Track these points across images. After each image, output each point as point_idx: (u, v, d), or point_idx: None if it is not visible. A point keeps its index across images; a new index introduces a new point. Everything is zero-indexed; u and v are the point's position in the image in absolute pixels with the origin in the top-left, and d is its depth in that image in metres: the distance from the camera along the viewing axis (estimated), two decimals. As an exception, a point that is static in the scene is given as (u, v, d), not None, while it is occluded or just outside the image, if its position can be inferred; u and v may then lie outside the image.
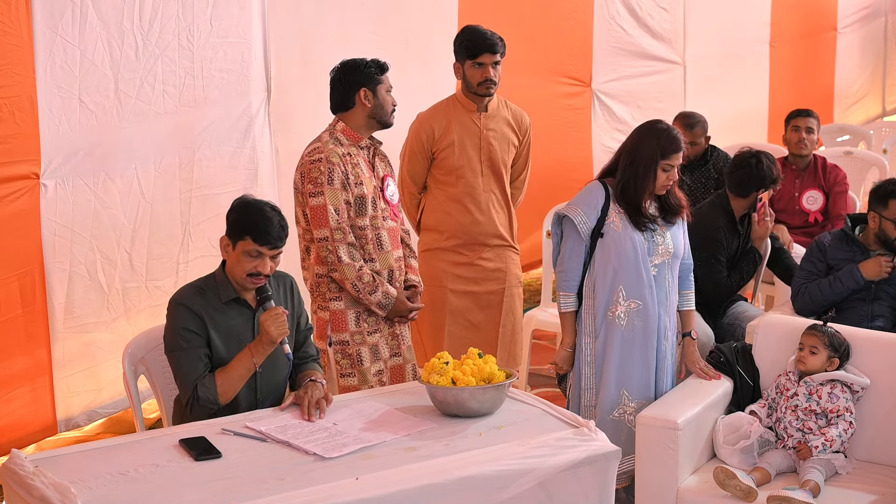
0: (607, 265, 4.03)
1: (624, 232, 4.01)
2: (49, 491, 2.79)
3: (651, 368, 4.12)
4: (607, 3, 7.57)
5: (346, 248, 4.04)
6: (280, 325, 3.44)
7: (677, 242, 4.11)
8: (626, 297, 4.04)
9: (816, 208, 5.95)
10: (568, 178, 7.30)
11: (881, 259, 4.57)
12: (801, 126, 6.08)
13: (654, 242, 4.04)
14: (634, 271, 4.02)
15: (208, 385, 3.41)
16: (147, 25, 4.71)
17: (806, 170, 6.05)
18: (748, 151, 5.04)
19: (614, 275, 4.03)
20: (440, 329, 4.73)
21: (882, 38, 11.76)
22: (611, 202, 4.04)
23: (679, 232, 4.14)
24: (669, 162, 3.99)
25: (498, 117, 4.73)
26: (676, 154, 4.00)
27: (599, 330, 4.08)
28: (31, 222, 4.45)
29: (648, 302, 4.04)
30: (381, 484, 2.91)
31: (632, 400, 4.09)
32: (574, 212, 4.05)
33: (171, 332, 3.47)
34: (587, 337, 4.10)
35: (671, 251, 4.08)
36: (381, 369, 4.20)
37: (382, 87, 4.14)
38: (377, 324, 4.18)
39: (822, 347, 3.97)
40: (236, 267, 3.48)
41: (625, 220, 4.02)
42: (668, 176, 4.01)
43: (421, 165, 4.73)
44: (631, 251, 4.00)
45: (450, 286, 4.73)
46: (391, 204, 4.25)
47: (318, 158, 4.05)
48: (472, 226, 4.72)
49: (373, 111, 4.14)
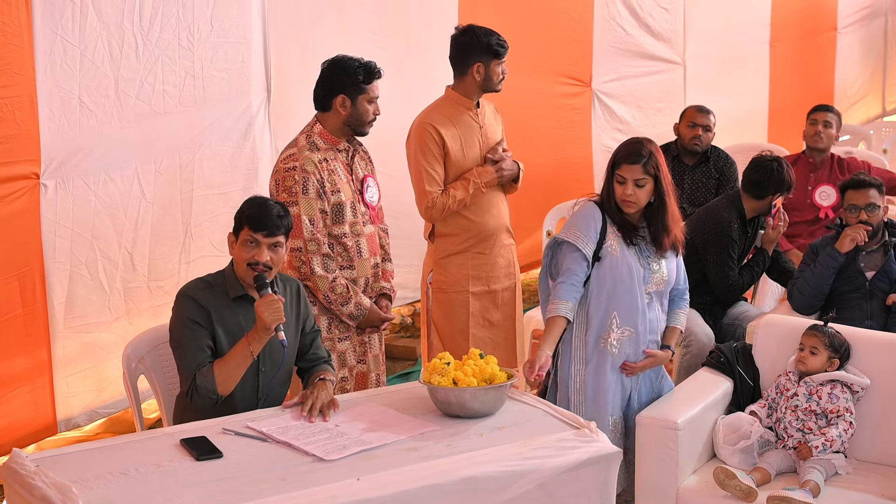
0: (602, 290, 3.89)
1: (622, 257, 3.88)
2: (50, 491, 2.79)
3: (627, 390, 4.01)
4: (607, 3, 7.57)
5: (319, 260, 4.02)
6: (274, 311, 3.41)
7: (671, 272, 3.99)
8: (620, 325, 3.90)
9: (828, 204, 5.97)
10: (568, 178, 7.30)
11: (848, 230, 4.69)
12: (819, 120, 6.12)
13: (650, 270, 3.92)
14: (629, 297, 3.89)
15: (207, 374, 3.41)
16: (147, 25, 4.71)
17: (821, 165, 6.08)
18: (769, 155, 5.09)
19: (609, 300, 3.88)
20: (465, 333, 4.69)
21: (882, 38, 11.76)
22: (608, 224, 3.91)
23: (673, 263, 4.00)
24: (621, 173, 3.84)
25: (486, 112, 4.72)
26: (625, 165, 3.82)
27: (591, 357, 3.93)
28: (31, 222, 4.45)
29: (640, 330, 3.93)
30: (383, 484, 2.91)
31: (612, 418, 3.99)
32: (574, 236, 3.88)
33: (176, 322, 3.48)
34: (577, 364, 3.94)
35: (665, 279, 3.97)
36: (346, 376, 4.19)
37: (364, 97, 4.07)
38: (347, 330, 4.18)
39: (823, 348, 3.97)
40: (239, 260, 3.50)
41: (621, 242, 3.90)
42: (623, 189, 3.83)
43: (440, 167, 4.54)
44: (627, 277, 3.87)
45: (470, 289, 4.69)
46: (371, 207, 4.22)
47: (293, 167, 4.02)
48: (485, 223, 4.67)
49: (348, 119, 4.10)
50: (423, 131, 4.51)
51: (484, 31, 4.54)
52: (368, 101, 4.09)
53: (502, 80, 4.58)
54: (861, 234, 4.66)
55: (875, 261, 4.74)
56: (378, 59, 5.81)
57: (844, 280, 4.72)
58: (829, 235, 4.86)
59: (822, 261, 4.70)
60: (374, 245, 4.22)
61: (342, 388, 4.14)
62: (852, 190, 4.76)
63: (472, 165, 4.59)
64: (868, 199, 4.69)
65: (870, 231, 4.67)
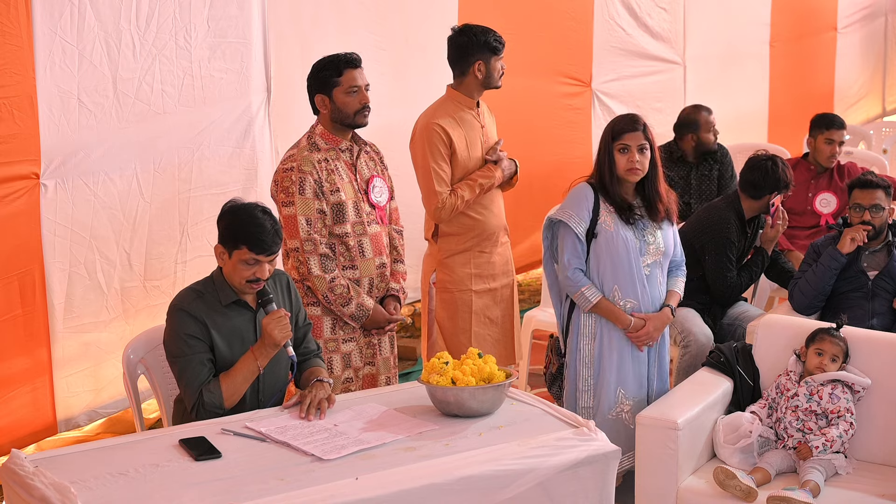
0: (601, 265, 4.08)
1: (616, 231, 4.04)
2: (49, 491, 2.79)
3: (644, 365, 4.18)
4: (607, 3, 7.57)
5: (316, 260, 4.02)
6: (283, 327, 3.44)
7: (668, 242, 4.15)
8: (623, 297, 4.08)
9: (829, 211, 5.96)
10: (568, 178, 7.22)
11: (848, 230, 4.67)
12: (836, 140, 6.02)
13: (646, 242, 4.08)
14: (628, 270, 4.06)
15: (214, 390, 3.40)
16: (144, 25, 4.70)
17: (823, 173, 6.05)
18: (764, 154, 5.06)
19: (609, 274, 4.07)
20: (467, 332, 4.71)
21: (882, 38, 11.77)
22: (600, 202, 4.07)
23: (669, 233, 4.17)
24: (622, 142, 4.01)
25: (484, 111, 4.74)
26: (627, 133, 4.01)
27: (598, 331, 4.12)
28: (31, 222, 4.45)
29: (642, 301, 4.09)
30: (381, 484, 2.91)
31: (628, 398, 4.14)
32: (567, 215, 4.08)
33: (172, 337, 3.45)
34: (585, 339, 4.15)
35: (662, 251, 4.12)
36: (350, 377, 4.18)
37: (339, 90, 4.06)
38: (353, 332, 4.17)
39: (841, 355, 3.99)
40: (234, 275, 3.47)
41: (615, 218, 4.05)
42: (628, 159, 4.01)
43: (448, 167, 4.55)
44: (623, 250, 4.04)
45: (473, 287, 4.70)
46: (378, 207, 4.22)
47: (291, 167, 4.04)
48: (487, 222, 4.67)
49: (333, 115, 4.11)
50: (430, 131, 4.52)
51: (480, 28, 4.58)
52: (346, 93, 4.06)
53: (502, 75, 4.61)
54: (861, 235, 4.65)
55: (878, 261, 4.73)
56: (378, 59, 5.84)
57: (846, 280, 4.72)
58: (830, 235, 4.84)
59: (824, 261, 4.70)
60: (380, 245, 4.20)
61: (346, 390, 4.13)
62: (859, 189, 4.73)
63: (476, 165, 4.61)
64: (874, 200, 4.68)
65: (871, 232, 4.66)
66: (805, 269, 4.84)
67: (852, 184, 4.80)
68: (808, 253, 4.87)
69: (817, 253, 4.80)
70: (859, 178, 4.78)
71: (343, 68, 4.06)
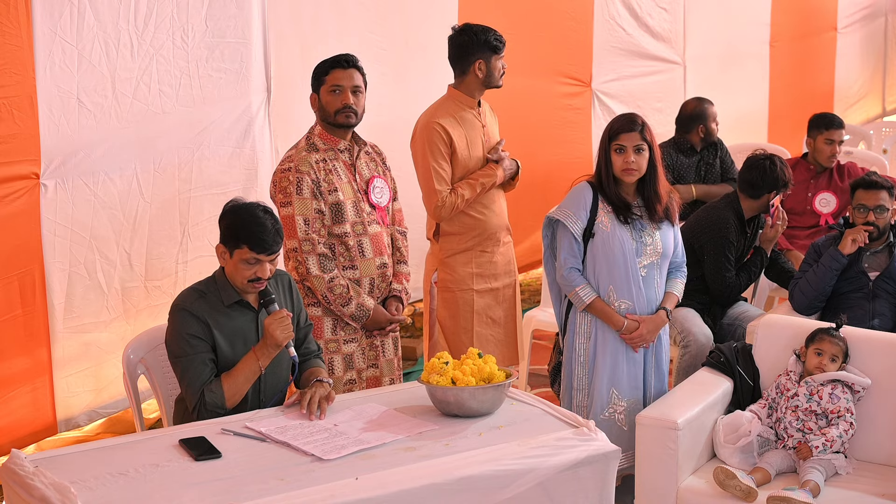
0: (598, 265, 4.08)
1: (613, 232, 4.05)
2: (49, 491, 2.79)
3: (639, 366, 4.17)
4: (607, 3, 7.58)
5: (315, 260, 4.02)
6: (285, 328, 3.45)
7: (667, 243, 4.13)
8: (618, 298, 4.09)
9: (828, 211, 5.95)
10: (568, 178, 7.22)
11: (849, 231, 4.67)
12: (836, 140, 6.03)
13: (643, 243, 4.07)
14: (623, 271, 4.06)
15: (215, 390, 3.41)
16: (142, 25, 4.70)
17: (822, 172, 6.05)
18: (762, 154, 5.06)
19: (604, 274, 4.07)
20: (469, 331, 4.71)
21: (882, 38, 11.77)
22: (599, 201, 4.08)
23: (669, 234, 4.16)
24: (619, 142, 4.02)
25: (486, 110, 4.74)
26: (624, 133, 4.01)
27: (592, 330, 4.13)
28: (31, 222, 4.45)
29: (637, 302, 4.09)
30: (381, 484, 2.91)
31: (621, 399, 4.13)
32: (564, 215, 4.09)
33: (175, 337, 3.45)
34: (580, 337, 4.16)
35: (660, 251, 4.11)
36: (353, 378, 4.18)
37: (324, 88, 4.09)
38: (355, 333, 4.17)
39: (841, 355, 3.99)
40: (236, 274, 3.48)
41: (613, 218, 4.06)
42: (624, 159, 4.01)
43: (448, 166, 4.56)
44: (619, 250, 4.04)
45: (475, 287, 4.70)
46: (378, 207, 4.22)
47: (288, 168, 4.05)
48: (489, 222, 4.68)
49: (320, 114, 4.14)
50: (431, 130, 4.53)
51: (480, 28, 4.59)
52: (329, 92, 4.07)
53: (503, 74, 4.62)
54: (862, 236, 4.64)
55: (879, 261, 4.73)
56: (378, 60, 5.85)
57: (847, 280, 4.71)
58: (831, 235, 4.83)
59: (825, 262, 4.69)
60: (381, 245, 4.20)
61: (348, 391, 4.13)
62: (863, 190, 4.72)
63: (477, 164, 4.62)
64: (878, 201, 4.67)
65: (874, 233, 4.65)
66: (805, 269, 4.83)
67: (856, 184, 4.78)
68: (809, 253, 4.87)
69: (818, 253, 4.80)
70: (863, 179, 4.77)
71: (330, 68, 4.09)
